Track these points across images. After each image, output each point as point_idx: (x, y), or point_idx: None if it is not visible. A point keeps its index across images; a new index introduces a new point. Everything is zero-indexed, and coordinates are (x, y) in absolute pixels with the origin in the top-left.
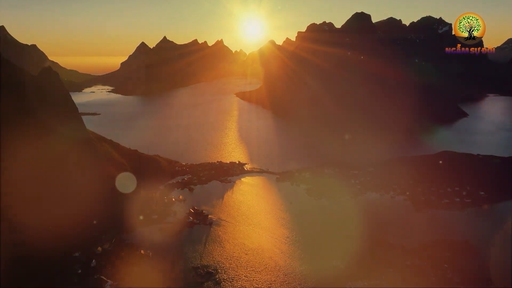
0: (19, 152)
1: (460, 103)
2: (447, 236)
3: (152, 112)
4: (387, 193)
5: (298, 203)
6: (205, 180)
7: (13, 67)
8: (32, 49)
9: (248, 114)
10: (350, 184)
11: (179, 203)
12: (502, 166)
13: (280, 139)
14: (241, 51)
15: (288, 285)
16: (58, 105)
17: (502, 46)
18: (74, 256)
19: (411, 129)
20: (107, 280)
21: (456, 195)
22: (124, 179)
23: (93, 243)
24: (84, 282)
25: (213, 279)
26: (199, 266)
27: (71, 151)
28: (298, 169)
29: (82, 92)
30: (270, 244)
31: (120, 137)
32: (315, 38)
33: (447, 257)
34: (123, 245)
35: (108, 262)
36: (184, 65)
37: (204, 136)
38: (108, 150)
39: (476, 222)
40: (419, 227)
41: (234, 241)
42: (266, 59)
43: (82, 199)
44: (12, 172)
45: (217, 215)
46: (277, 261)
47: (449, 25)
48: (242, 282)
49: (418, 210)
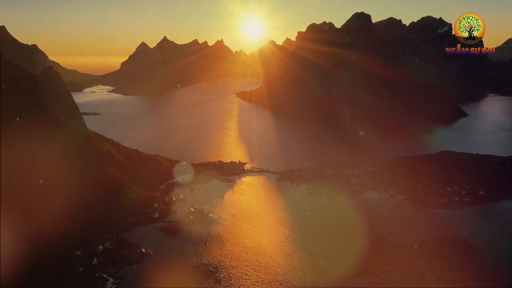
0: (22, 150)
1: (460, 103)
2: (446, 235)
3: (152, 112)
4: (387, 192)
5: (298, 203)
6: (205, 180)
7: (14, 66)
8: (33, 49)
9: (248, 114)
10: (350, 184)
11: (180, 202)
12: (501, 166)
13: (280, 138)
14: (241, 51)
15: (288, 283)
16: (59, 104)
17: (502, 46)
18: (75, 254)
19: (411, 129)
20: (109, 278)
21: (455, 194)
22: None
23: (94, 241)
24: (85, 280)
25: (214, 277)
26: (200, 265)
27: (72, 150)
28: (298, 169)
29: (82, 92)
30: (270, 243)
31: (120, 137)
32: (315, 38)
33: (446, 255)
34: (124, 244)
35: (110, 260)
36: (184, 65)
37: (204, 136)
38: (109, 149)
39: (475, 221)
40: (418, 226)
41: (234, 240)
42: (266, 59)
43: (83, 197)
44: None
45: (217, 214)
46: (277, 259)
47: (449, 25)
48: (243, 281)
49: (417, 209)
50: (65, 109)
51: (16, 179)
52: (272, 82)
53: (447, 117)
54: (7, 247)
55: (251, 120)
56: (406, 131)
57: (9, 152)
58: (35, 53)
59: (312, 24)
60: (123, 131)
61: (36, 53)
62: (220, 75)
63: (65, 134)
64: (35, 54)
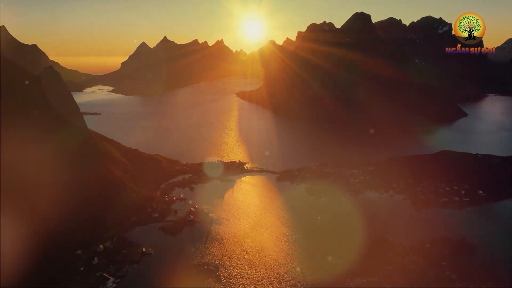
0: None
1: (460, 103)
2: (446, 234)
3: (152, 112)
4: (387, 192)
5: (298, 202)
6: (205, 179)
7: (15, 66)
8: (33, 49)
9: (248, 114)
10: (350, 183)
11: (180, 201)
12: (500, 166)
13: (280, 138)
14: (241, 51)
15: (288, 282)
16: (60, 104)
17: (502, 46)
18: (76, 253)
19: (411, 129)
20: (109, 277)
21: (454, 194)
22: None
23: (94, 241)
24: (86, 279)
25: (214, 276)
26: (200, 264)
27: (73, 149)
28: (298, 168)
29: (82, 92)
30: (270, 243)
31: (121, 137)
32: (315, 38)
33: (445, 255)
34: (125, 243)
35: (110, 260)
36: (184, 65)
37: (205, 135)
38: (109, 149)
39: (474, 220)
40: (418, 226)
41: (234, 239)
42: (266, 59)
43: (84, 197)
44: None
45: (217, 213)
46: (277, 259)
47: (449, 25)
48: (243, 280)
49: (417, 209)
50: (66, 109)
51: (16, 178)
52: (272, 82)
53: (447, 117)
54: (7, 246)
55: (251, 120)
56: (406, 131)
57: (9, 151)
58: (35, 53)
59: (312, 24)
60: (123, 131)
61: (36, 53)
62: (220, 75)
63: (66, 134)
64: (35, 54)
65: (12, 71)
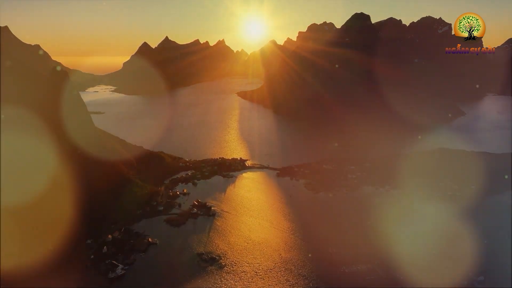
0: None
1: (459, 102)
2: (439, 228)
3: (155, 111)
4: (383, 187)
5: (298, 196)
6: (208, 175)
7: (23, 66)
8: (35, 49)
9: (249, 113)
10: (347, 179)
11: (184, 196)
12: (494, 162)
13: (280, 136)
14: (242, 51)
15: (287, 270)
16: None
17: (502, 46)
18: (86, 243)
19: (409, 128)
20: (118, 265)
21: (448, 189)
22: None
23: (104, 232)
24: (96, 266)
25: (217, 263)
26: (204, 253)
27: (82, 147)
28: (297, 165)
29: (85, 92)
30: (270, 234)
31: (125, 135)
32: (315, 38)
33: (439, 248)
34: (132, 234)
35: (119, 248)
36: (186, 65)
37: (206, 134)
38: (116, 146)
39: (467, 215)
40: (412, 219)
41: (236, 231)
42: (267, 59)
43: (93, 191)
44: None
45: (219, 207)
46: (276, 249)
47: (449, 25)
48: (244, 267)
49: (411, 203)
50: (74, 108)
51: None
52: (273, 82)
53: (445, 115)
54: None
55: (252, 119)
56: (404, 130)
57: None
58: (38, 53)
59: (313, 24)
60: (127, 129)
61: (39, 53)
62: (222, 75)
63: (75, 132)
64: (38, 54)
65: (21, 71)
